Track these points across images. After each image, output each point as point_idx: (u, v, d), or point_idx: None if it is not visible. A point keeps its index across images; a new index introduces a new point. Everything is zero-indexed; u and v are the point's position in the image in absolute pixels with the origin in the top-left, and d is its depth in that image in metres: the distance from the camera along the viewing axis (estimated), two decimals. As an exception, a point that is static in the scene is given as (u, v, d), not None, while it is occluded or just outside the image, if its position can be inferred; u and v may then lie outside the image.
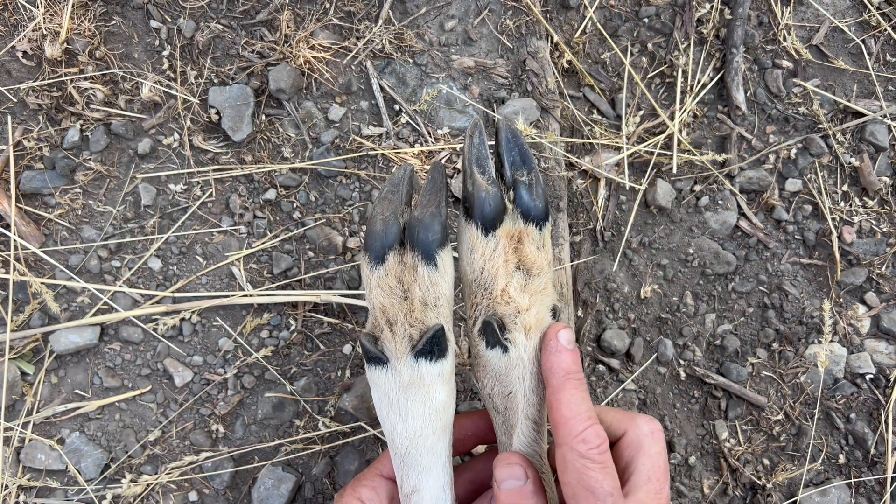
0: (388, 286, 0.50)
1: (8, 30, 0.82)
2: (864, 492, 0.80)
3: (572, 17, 0.88)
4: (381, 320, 0.50)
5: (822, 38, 0.88)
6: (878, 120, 0.86)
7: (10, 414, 0.78)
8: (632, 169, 0.86)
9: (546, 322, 0.52)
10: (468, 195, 0.52)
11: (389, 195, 0.52)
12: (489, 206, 0.50)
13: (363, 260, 0.51)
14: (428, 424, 0.50)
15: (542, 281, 0.52)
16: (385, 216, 0.50)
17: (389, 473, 0.53)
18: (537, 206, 0.52)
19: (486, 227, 0.51)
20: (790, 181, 0.85)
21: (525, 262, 0.52)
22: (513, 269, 0.52)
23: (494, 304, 0.52)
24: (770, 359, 0.83)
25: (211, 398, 0.79)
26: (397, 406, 0.50)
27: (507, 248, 0.52)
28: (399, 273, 0.50)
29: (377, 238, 0.50)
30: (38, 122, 0.81)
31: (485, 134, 0.53)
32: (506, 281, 0.51)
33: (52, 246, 0.80)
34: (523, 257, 0.52)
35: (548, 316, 0.52)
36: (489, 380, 0.54)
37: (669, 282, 0.84)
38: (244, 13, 0.84)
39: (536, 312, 0.51)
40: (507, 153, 0.53)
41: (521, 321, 0.51)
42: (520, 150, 0.53)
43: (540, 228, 0.52)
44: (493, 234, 0.51)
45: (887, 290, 0.83)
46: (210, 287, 0.81)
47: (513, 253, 0.52)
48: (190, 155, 0.82)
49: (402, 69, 0.84)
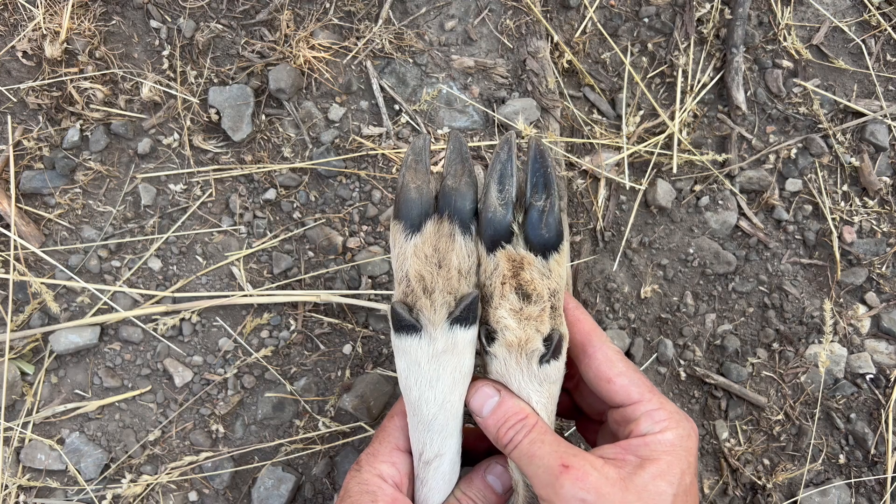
0: (423, 254, 0.50)
1: (8, 30, 0.82)
2: (865, 492, 0.80)
3: (572, 17, 0.88)
4: (417, 288, 0.50)
5: (823, 38, 0.88)
6: (878, 120, 0.86)
7: (10, 414, 0.78)
8: (632, 169, 0.86)
9: (533, 347, 0.50)
10: (479, 210, 0.52)
11: (414, 164, 0.51)
12: (492, 227, 0.50)
13: (396, 228, 0.50)
14: (455, 389, 0.51)
15: (539, 308, 0.51)
16: (418, 184, 0.50)
17: (405, 446, 0.53)
18: (543, 236, 0.50)
19: (487, 247, 0.51)
20: (790, 181, 0.85)
21: (525, 288, 0.51)
22: (509, 291, 0.51)
23: (487, 315, 0.52)
24: (770, 359, 0.83)
25: (211, 398, 0.79)
26: (428, 373, 0.50)
27: (505, 272, 0.51)
28: (436, 241, 0.50)
29: (414, 206, 0.50)
30: (38, 122, 0.81)
31: (514, 150, 0.52)
32: (499, 302, 0.51)
33: (52, 246, 0.80)
34: (523, 282, 0.51)
35: (538, 342, 0.50)
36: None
37: (669, 282, 0.84)
38: (244, 13, 0.84)
39: (525, 336, 0.50)
40: (532, 174, 0.52)
41: (506, 338, 0.51)
42: (544, 173, 0.51)
43: (545, 257, 0.51)
44: (493, 254, 0.51)
45: (887, 290, 0.83)
46: (210, 287, 0.81)
47: (512, 277, 0.51)
48: (190, 155, 0.82)
49: (402, 69, 0.84)
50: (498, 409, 0.50)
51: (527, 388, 0.51)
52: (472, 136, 0.84)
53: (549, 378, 0.51)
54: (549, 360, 0.50)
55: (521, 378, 0.51)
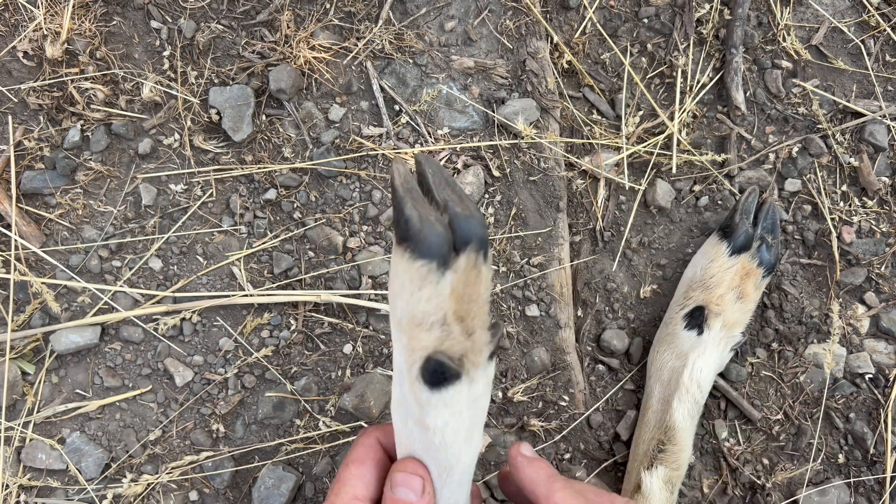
0: (458, 293, 0.43)
1: (8, 30, 0.82)
2: (864, 491, 0.80)
3: (572, 18, 0.88)
4: (457, 332, 0.43)
5: (822, 39, 0.88)
6: (877, 120, 0.86)
7: (11, 414, 0.78)
8: (631, 169, 0.86)
9: (736, 330, 0.77)
10: (732, 222, 0.76)
11: (409, 193, 0.44)
12: (743, 240, 0.76)
13: (417, 268, 0.42)
14: (479, 428, 0.48)
15: (751, 306, 0.77)
16: (429, 217, 0.42)
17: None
18: (769, 262, 0.76)
19: (736, 250, 0.75)
20: (790, 181, 0.85)
21: (743, 293, 0.76)
22: (734, 287, 0.75)
23: (708, 300, 0.75)
24: (769, 359, 0.83)
25: (211, 398, 0.80)
26: (468, 421, 0.46)
27: (739, 273, 0.76)
28: (466, 276, 0.44)
29: (439, 239, 0.42)
30: (38, 123, 0.81)
31: (757, 194, 0.79)
32: (725, 291, 0.75)
33: (53, 246, 0.80)
34: (744, 288, 0.76)
35: (739, 329, 0.77)
36: (667, 353, 0.76)
37: (669, 282, 0.84)
38: (244, 13, 0.84)
39: (736, 318, 0.76)
40: (764, 219, 0.78)
41: (722, 318, 0.75)
42: (773, 222, 0.78)
43: (765, 276, 0.76)
44: (736, 256, 0.75)
45: (887, 290, 0.84)
46: (210, 287, 0.81)
47: (740, 280, 0.76)
48: (190, 155, 0.82)
49: (403, 69, 0.85)
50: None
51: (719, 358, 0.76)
52: (472, 137, 0.84)
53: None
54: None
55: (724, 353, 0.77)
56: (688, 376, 0.74)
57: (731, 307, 0.75)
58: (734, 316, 0.75)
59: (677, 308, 0.78)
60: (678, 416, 0.73)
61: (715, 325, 0.75)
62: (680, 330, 0.76)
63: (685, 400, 0.73)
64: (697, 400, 0.74)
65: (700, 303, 0.76)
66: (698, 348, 0.75)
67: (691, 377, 0.74)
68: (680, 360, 0.75)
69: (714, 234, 0.79)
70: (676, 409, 0.73)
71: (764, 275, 0.76)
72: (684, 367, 0.74)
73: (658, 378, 0.77)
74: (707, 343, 0.75)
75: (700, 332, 0.75)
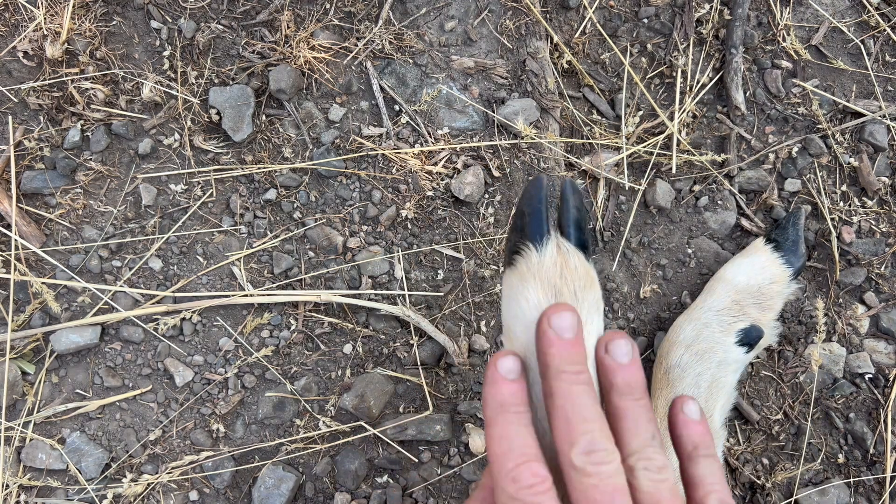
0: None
1: (9, 30, 0.82)
2: (864, 491, 0.80)
3: (572, 18, 0.88)
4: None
5: (822, 39, 0.88)
6: (877, 120, 0.86)
7: (11, 413, 0.78)
8: (631, 169, 0.86)
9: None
10: (789, 236, 0.79)
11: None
12: (802, 266, 0.79)
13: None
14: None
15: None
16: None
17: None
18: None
19: (796, 272, 0.77)
20: (789, 181, 0.85)
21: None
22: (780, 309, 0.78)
23: (760, 320, 0.76)
24: (769, 358, 0.83)
25: (211, 397, 0.80)
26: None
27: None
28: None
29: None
30: (38, 123, 0.81)
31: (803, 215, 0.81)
32: (777, 314, 0.78)
33: (53, 246, 0.80)
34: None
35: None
36: (708, 362, 0.75)
37: (668, 282, 0.84)
38: (244, 13, 0.84)
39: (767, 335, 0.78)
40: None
41: (765, 337, 0.77)
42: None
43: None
44: (795, 282, 0.78)
45: (886, 290, 0.84)
46: (211, 287, 0.81)
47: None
48: (190, 155, 0.82)
49: (402, 69, 0.85)
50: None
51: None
52: (472, 137, 0.84)
53: None
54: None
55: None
56: (731, 388, 0.76)
57: (770, 326, 0.77)
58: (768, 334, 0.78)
59: (730, 318, 0.76)
60: (717, 425, 0.75)
61: (761, 345, 0.77)
62: (730, 343, 0.75)
63: (727, 410, 0.75)
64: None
65: (756, 321, 0.76)
66: (743, 363, 0.76)
67: (734, 389, 0.76)
68: (722, 370, 0.74)
69: (773, 251, 0.78)
70: (717, 419, 0.74)
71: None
72: (730, 379, 0.75)
73: (696, 385, 0.75)
74: (749, 359, 0.76)
75: (748, 351, 0.75)
